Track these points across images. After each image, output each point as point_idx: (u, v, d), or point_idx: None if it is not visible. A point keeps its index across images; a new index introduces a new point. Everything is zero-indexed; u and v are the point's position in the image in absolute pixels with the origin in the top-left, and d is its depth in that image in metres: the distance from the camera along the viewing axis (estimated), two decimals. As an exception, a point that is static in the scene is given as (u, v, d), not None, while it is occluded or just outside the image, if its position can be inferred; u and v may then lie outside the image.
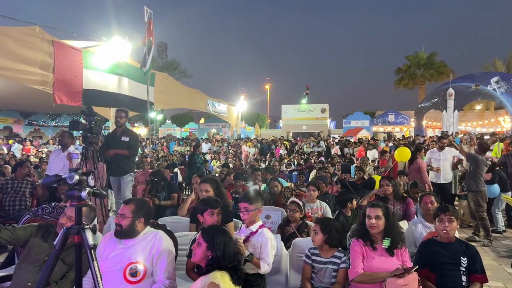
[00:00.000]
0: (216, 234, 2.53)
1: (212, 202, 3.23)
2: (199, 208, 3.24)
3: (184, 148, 19.05)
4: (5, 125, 23.71)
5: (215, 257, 2.44)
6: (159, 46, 39.27)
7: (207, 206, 3.17)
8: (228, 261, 2.45)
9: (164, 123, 34.92)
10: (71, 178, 1.83)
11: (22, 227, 2.97)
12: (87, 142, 4.78)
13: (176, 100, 14.04)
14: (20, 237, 2.87)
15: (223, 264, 2.42)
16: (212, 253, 2.45)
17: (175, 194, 6.23)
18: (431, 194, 4.26)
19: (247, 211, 3.05)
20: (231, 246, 2.55)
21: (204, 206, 3.19)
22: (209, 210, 3.15)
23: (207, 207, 3.16)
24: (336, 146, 17.70)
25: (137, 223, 2.73)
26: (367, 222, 3.14)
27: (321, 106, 32.41)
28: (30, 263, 2.76)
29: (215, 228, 2.67)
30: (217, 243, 2.47)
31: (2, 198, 5.95)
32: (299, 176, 8.56)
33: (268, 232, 3.08)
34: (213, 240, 2.48)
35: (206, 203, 3.22)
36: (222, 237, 2.52)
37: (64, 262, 2.76)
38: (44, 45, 7.08)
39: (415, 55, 33.04)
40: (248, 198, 3.14)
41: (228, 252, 2.47)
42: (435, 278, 3.03)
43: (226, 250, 2.47)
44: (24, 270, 2.74)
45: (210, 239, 2.49)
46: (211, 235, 2.52)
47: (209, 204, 3.18)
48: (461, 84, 24.76)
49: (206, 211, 3.16)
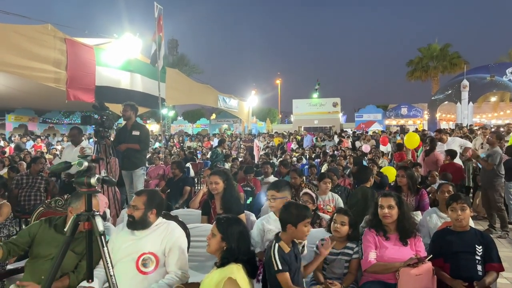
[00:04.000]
0: (231, 225, 2.48)
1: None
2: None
3: (196, 144, 19.15)
4: (20, 123, 24.08)
5: (230, 248, 2.39)
6: (170, 42, 39.32)
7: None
8: (244, 253, 2.41)
9: (176, 120, 35.08)
10: (80, 164, 1.84)
11: (22, 232, 2.94)
12: (99, 137, 4.81)
13: (187, 96, 14.08)
14: (24, 242, 2.83)
15: (238, 257, 2.37)
16: (226, 244, 2.41)
17: (188, 187, 6.29)
18: (449, 183, 4.20)
19: (274, 199, 3.12)
20: (246, 238, 2.50)
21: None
22: None
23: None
24: (349, 140, 17.60)
25: (149, 214, 2.75)
26: (379, 212, 3.11)
27: (332, 100, 32.16)
28: (41, 257, 2.77)
29: (230, 218, 2.60)
30: (231, 233, 2.42)
31: (18, 193, 6.07)
32: (311, 169, 8.53)
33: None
34: (228, 231, 2.43)
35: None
36: (237, 228, 2.47)
37: (74, 252, 2.78)
38: (57, 42, 7.16)
39: (428, 47, 32.50)
40: (276, 186, 3.24)
41: (242, 244, 2.43)
42: (450, 268, 2.99)
43: (241, 242, 2.42)
44: (35, 265, 2.76)
45: (225, 230, 2.44)
46: (226, 225, 2.47)
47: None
48: (476, 75, 24.30)
49: None
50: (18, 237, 2.87)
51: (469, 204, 3.19)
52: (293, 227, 2.59)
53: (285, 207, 2.73)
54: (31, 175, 6.30)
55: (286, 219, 2.64)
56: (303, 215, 2.63)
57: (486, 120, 27.93)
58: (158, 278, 2.66)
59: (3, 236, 4.08)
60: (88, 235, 1.97)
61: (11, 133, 21.56)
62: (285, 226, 2.63)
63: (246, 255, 2.42)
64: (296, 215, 2.61)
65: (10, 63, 6.37)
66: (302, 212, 2.65)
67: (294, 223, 2.60)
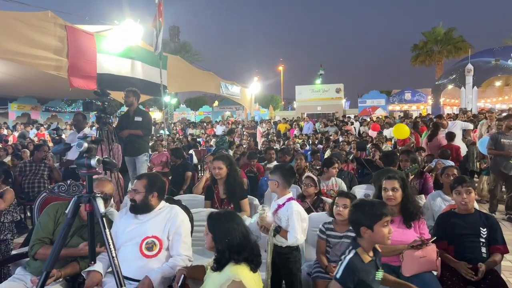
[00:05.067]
0: (220, 223, 2.29)
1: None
2: None
3: (199, 131, 19.16)
4: (23, 112, 24.14)
5: (218, 250, 2.25)
6: (171, 29, 39.03)
7: None
8: (237, 252, 2.20)
9: (178, 107, 35.04)
10: (80, 145, 1.83)
11: (42, 220, 2.87)
12: (101, 123, 4.79)
13: (189, 83, 14.00)
14: (51, 229, 2.83)
15: (232, 257, 2.20)
16: (215, 245, 2.26)
17: (189, 172, 6.32)
18: (453, 167, 4.18)
19: (278, 183, 3.07)
20: (237, 236, 2.23)
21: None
22: None
23: None
24: (351, 126, 17.54)
25: (150, 197, 2.74)
26: (383, 194, 3.09)
27: (335, 86, 31.99)
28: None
29: (221, 215, 2.39)
30: (219, 234, 2.25)
31: (21, 180, 6.09)
32: (315, 155, 8.51)
33: (296, 205, 3.05)
34: (216, 230, 2.28)
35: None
36: (226, 227, 2.25)
37: (83, 239, 2.79)
38: (57, 30, 7.08)
39: (432, 31, 32.14)
40: (277, 169, 3.17)
41: (235, 244, 2.21)
42: (454, 250, 2.99)
43: (231, 243, 2.21)
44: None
45: (213, 229, 2.29)
46: (214, 224, 2.31)
47: None
48: (480, 59, 24.05)
49: None
50: (44, 226, 2.82)
51: (474, 187, 3.17)
52: (369, 230, 2.15)
53: (355, 206, 2.31)
54: (35, 162, 6.32)
55: (358, 221, 2.20)
56: (379, 213, 2.16)
57: (490, 104, 27.72)
58: (162, 261, 2.66)
59: (7, 222, 4.10)
60: (89, 216, 1.96)
61: (15, 121, 21.61)
62: (358, 230, 2.20)
63: (241, 254, 2.21)
64: (371, 215, 2.16)
65: (11, 51, 6.32)
66: (377, 210, 2.18)
67: (369, 225, 2.15)
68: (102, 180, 3.06)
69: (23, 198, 5.94)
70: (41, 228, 2.81)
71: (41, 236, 2.77)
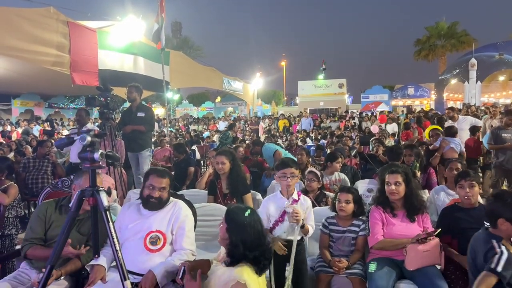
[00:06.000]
0: (238, 216, 2.25)
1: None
2: None
3: (202, 127, 19.18)
4: (26, 108, 24.19)
5: (232, 243, 2.20)
6: (173, 25, 39.04)
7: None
8: (250, 249, 2.17)
9: (181, 103, 35.06)
10: (83, 139, 1.83)
11: (33, 220, 2.87)
12: (104, 118, 4.80)
13: (191, 78, 14.00)
14: (42, 229, 2.81)
15: (244, 253, 2.16)
16: (229, 238, 2.23)
17: (192, 168, 6.33)
18: (457, 161, 4.16)
19: (293, 176, 2.98)
20: (252, 233, 2.22)
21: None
22: None
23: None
24: (353, 121, 17.50)
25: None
26: (386, 188, 3.08)
27: (338, 81, 31.84)
28: (50, 239, 2.79)
29: (240, 209, 2.34)
30: (236, 227, 2.22)
31: (25, 176, 6.12)
32: (318, 151, 8.51)
33: (307, 198, 3.13)
34: (233, 223, 2.24)
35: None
36: (244, 221, 2.23)
37: (80, 233, 2.80)
38: (59, 26, 7.09)
39: (436, 25, 31.97)
40: (295, 163, 3.11)
41: (248, 240, 2.18)
42: (458, 244, 2.98)
43: (246, 238, 2.18)
44: (47, 247, 2.76)
45: (231, 221, 2.26)
46: (233, 216, 2.27)
47: None
48: (484, 53, 23.92)
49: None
50: (33, 227, 2.81)
51: (478, 181, 3.17)
52: (507, 223, 2.05)
53: (496, 196, 2.18)
54: (38, 158, 6.34)
55: (496, 212, 2.08)
56: None
57: (494, 99, 27.58)
58: (166, 256, 2.67)
59: (11, 217, 4.12)
60: (93, 211, 1.97)
61: (18, 118, 21.68)
62: (495, 222, 2.09)
63: (252, 251, 2.17)
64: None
65: (13, 47, 6.34)
66: None
67: (509, 217, 2.03)
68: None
69: (27, 194, 5.97)
70: (30, 230, 2.81)
71: (30, 236, 2.77)
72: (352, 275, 2.97)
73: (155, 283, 2.46)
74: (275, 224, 2.96)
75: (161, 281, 2.49)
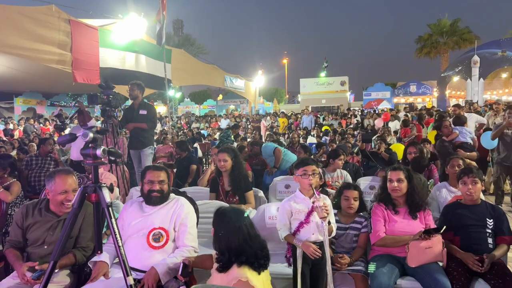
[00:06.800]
0: (223, 222, 2.23)
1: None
2: None
3: (203, 125, 19.19)
4: (29, 107, 24.26)
5: (220, 249, 2.20)
6: (175, 23, 39.06)
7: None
8: (236, 255, 2.14)
9: (182, 101, 35.08)
10: (85, 135, 1.83)
11: (12, 227, 2.87)
12: (106, 116, 4.81)
13: (193, 76, 13.99)
14: (19, 233, 2.81)
15: (230, 259, 2.15)
16: (217, 243, 2.22)
17: (194, 165, 6.34)
18: (459, 157, 4.14)
19: (314, 174, 2.83)
20: (238, 239, 2.16)
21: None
22: None
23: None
24: (355, 119, 17.48)
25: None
26: (389, 185, 3.08)
27: (340, 78, 31.82)
28: (34, 242, 2.78)
29: (227, 213, 2.30)
30: (219, 233, 2.20)
31: (28, 174, 6.13)
32: (321, 148, 8.52)
33: (326, 196, 2.98)
34: (218, 228, 2.23)
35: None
36: (228, 227, 2.20)
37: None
38: (61, 24, 7.08)
39: (438, 22, 31.82)
40: (315, 161, 2.97)
41: (233, 246, 2.15)
42: (460, 241, 2.98)
43: (231, 245, 2.16)
44: (30, 251, 2.78)
45: (216, 225, 2.25)
46: (218, 221, 2.26)
47: None
48: (487, 50, 23.78)
49: None
50: (11, 231, 2.85)
51: (481, 178, 3.15)
52: None
53: None
54: (40, 156, 6.35)
55: None
56: None
57: (497, 96, 27.48)
58: (168, 253, 2.68)
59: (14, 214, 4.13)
60: (96, 207, 1.97)
61: (20, 116, 21.74)
62: None
63: (239, 257, 2.14)
64: None
65: (15, 45, 6.33)
66: None
67: None
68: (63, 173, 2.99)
69: (29, 191, 5.97)
70: (11, 232, 2.86)
71: (10, 238, 2.83)
72: (354, 271, 2.97)
73: (157, 280, 2.47)
74: (299, 227, 2.79)
75: (164, 278, 2.49)
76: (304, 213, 2.79)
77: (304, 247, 2.71)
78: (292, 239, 2.80)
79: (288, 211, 2.86)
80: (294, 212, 2.83)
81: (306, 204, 2.80)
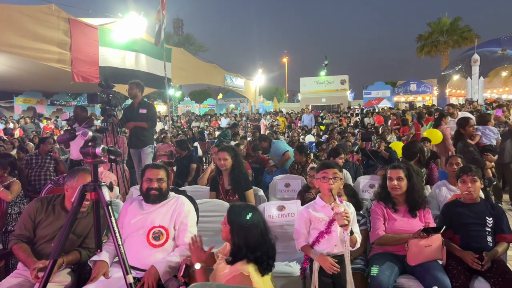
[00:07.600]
0: (240, 217, 2.18)
1: None
2: None
3: (203, 124, 19.20)
4: (29, 106, 24.25)
5: (236, 244, 2.16)
6: (175, 22, 39.04)
7: None
8: (252, 250, 2.13)
9: (182, 100, 35.07)
10: (85, 134, 1.83)
11: (23, 218, 2.83)
12: (106, 115, 4.81)
13: (193, 75, 13.99)
14: (31, 227, 2.77)
15: (246, 254, 2.12)
16: (232, 239, 2.18)
17: (194, 164, 6.36)
18: (457, 156, 4.15)
19: (335, 179, 2.62)
20: (255, 234, 2.15)
21: None
22: None
23: None
24: (356, 117, 17.47)
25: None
26: (388, 184, 3.08)
27: (340, 77, 31.79)
28: (41, 238, 2.76)
29: (242, 209, 2.26)
30: (238, 228, 2.17)
31: (28, 173, 6.13)
32: (320, 147, 8.51)
33: (350, 204, 2.73)
34: (235, 224, 2.18)
35: None
36: (246, 223, 2.17)
37: (75, 234, 2.78)
38: (61, 23, 7.08)
39: (438, 21, 31.77)
40: (337, 164, 2.77)
41: (251, 241, 2.13)
42: (460, 239, 2.98)
43: (249, 240, 2.13)
44: (35, 248, 2.74)
45: (232, 222, 2.20)
46: (235, 217, 2.21)
47: None
48: (487, 49, 23.76)
49: None
50: (21, 225, 2.79)
51: (480, 176, 3.15)
52: None
53: None
54: (40, 155, 6.35)
55: None
56: None
57: (497, 95, 27.46)
58: (168, 251, 2.68)
59: (14, 213, 4.14)
60: (95, 205, 1.97)
61: (20, 115, 21.75)
62: None
63: (255, 252, 2.13)
64: None
65: (15, 44, 6.34)
66: None
67: None
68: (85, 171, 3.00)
69: (29, 190, 5.97)
70: (19, 226, 2.79)
71: (18, 233, 2.76)
72: (354, 270, 2.96)
73: (157, 279, 2.47)
74: (319, 237, 2.60)
75: (164, 277, 2.50)
76: (325, 222, 2.59)
77: (320, 261, 2.53)
78: (309, 251, 2.62)
79: (307, 219, 2.67)
80: (313, 221, 2.64)
81: (326, 212, 2.59)
